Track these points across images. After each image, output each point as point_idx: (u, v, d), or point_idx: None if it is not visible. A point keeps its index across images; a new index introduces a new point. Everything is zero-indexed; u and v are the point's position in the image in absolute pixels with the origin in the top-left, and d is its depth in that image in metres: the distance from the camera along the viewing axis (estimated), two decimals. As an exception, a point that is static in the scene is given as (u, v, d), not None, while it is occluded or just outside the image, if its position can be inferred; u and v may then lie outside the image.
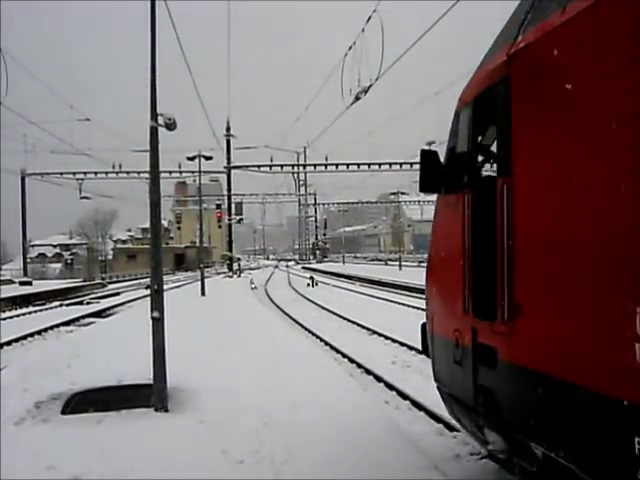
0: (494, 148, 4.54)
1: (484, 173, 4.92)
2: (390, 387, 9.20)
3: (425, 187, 5.08)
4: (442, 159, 5.05)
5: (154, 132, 6.79)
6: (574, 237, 3.43)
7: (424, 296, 6.16)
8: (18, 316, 22.15)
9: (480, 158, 4.87)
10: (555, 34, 3.57)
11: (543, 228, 3.76)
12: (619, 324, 2.97)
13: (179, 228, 79.58)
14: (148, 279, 7.76)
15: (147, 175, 8.64)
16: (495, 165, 4.51)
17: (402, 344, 12.67)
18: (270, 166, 46.52)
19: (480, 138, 4.86)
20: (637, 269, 2.89)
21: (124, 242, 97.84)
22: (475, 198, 4.62)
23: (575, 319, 3.41)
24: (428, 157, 5.00)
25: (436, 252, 5.62)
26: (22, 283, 38.14)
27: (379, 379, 9.80)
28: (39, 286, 35.38)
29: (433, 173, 4.99)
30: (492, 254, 4.23)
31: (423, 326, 5.88)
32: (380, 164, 45.07)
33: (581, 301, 3.37)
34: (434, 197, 5.50)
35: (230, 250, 52.81)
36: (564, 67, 3.57)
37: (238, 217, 53.89)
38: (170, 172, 46.76)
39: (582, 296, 3.35)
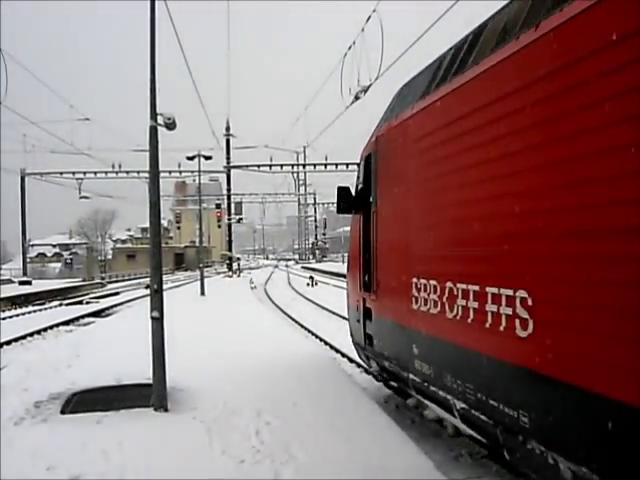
0: (372, 189, 7.36)
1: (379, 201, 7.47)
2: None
3: (341, 210, 8.10)
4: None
5: (154, 132, 6.78)
6: (392, 244, 6.60)
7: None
8: (18, 316, 22.11)
9: (368, 194, 7.49)
10: (387, 133, 6.88)
11: (384, 238, 6.86)
12: (406, 289, 5.93)
13: (179, 228, 79.39)
14: (148, 279, 7.75)
15: (147, 175, 8.64)
16: (372, 199, 7.29)
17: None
18: (270, 166, 46.42)
19: (368, 182, 7.61)
20: (409, 262, 5.95)
21: (124, 242, 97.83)
22: (364, 218, 7.66)
23: (393, 287, 6.50)
24: (343, 190, 8.01)
25: (350, 252, 8.78)
26: (22, 283, 38.08)
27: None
28: (39, 286, 35.35)
29: (347, 201, 7.96)
30: (369, 253, 7.31)
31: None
32: (380, 164, 44.96)
33: (392, 278, 6.53)
34: None
35: (230, 250, 52.77)
36: (390, 151, 6.79)
37: (238, 217, 53.83)
38: (170, 172, 46.63)
39: (393, 275, 6.51)
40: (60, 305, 26.50)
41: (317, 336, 14.79)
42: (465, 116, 4.83)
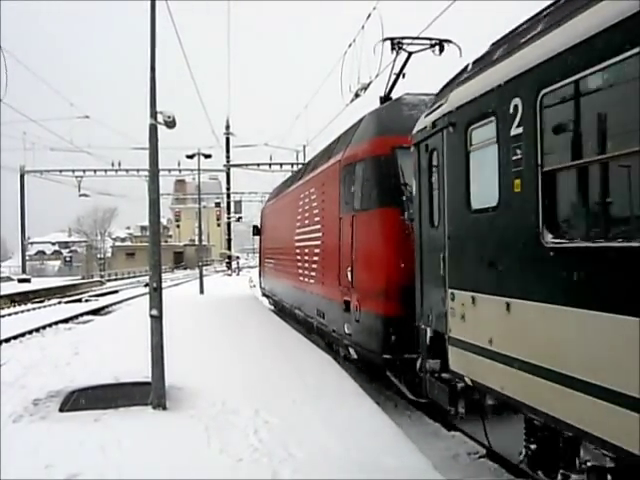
0: (261, 227, 25.05)
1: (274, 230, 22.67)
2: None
3: (254, 234, 26.37)
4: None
5: (153, 130, 6.78)
6: (263, 248, 24.25)
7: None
8: (17, 313, 22.14)
9: (261, 229, 24.97)
10: (263, 209, 25.99)
11: (262, 246, 24.57)
12: (264, 263, 23.46)
13: (178, 226, 79.41)
14: (147, 277, 7.75)
15: (146, 173, 8.65)
16: (261, 231, 24.79)
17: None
18: (269, 164, 46.29)
19: (261, 225, 24.95)
20: (265, 254, 23.32)
21: (123, 240, 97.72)
22: (260, 238, 25.18)
23: (263, 263, 23.98)
24: (255, 226, 26.20)
25: (259, 252, 26.63)
26: (21, 280, 38.12)
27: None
28: (38, 283, 35.37)
29: (257, 230, 25.36)
30: (261, 251, 25.45)
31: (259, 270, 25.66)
32: (379, 163, 44.68)
33: (263, 260, 23.96)
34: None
35: (229, 248, 52.75)
36: (263, 216, 24.77)
37: (237, 215, 53.82)
38: (169, 170, 46.55)
39: (263, 259, 23.95)
40: (59, 303, 26.52)
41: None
42: (277, 210, 19.61)
